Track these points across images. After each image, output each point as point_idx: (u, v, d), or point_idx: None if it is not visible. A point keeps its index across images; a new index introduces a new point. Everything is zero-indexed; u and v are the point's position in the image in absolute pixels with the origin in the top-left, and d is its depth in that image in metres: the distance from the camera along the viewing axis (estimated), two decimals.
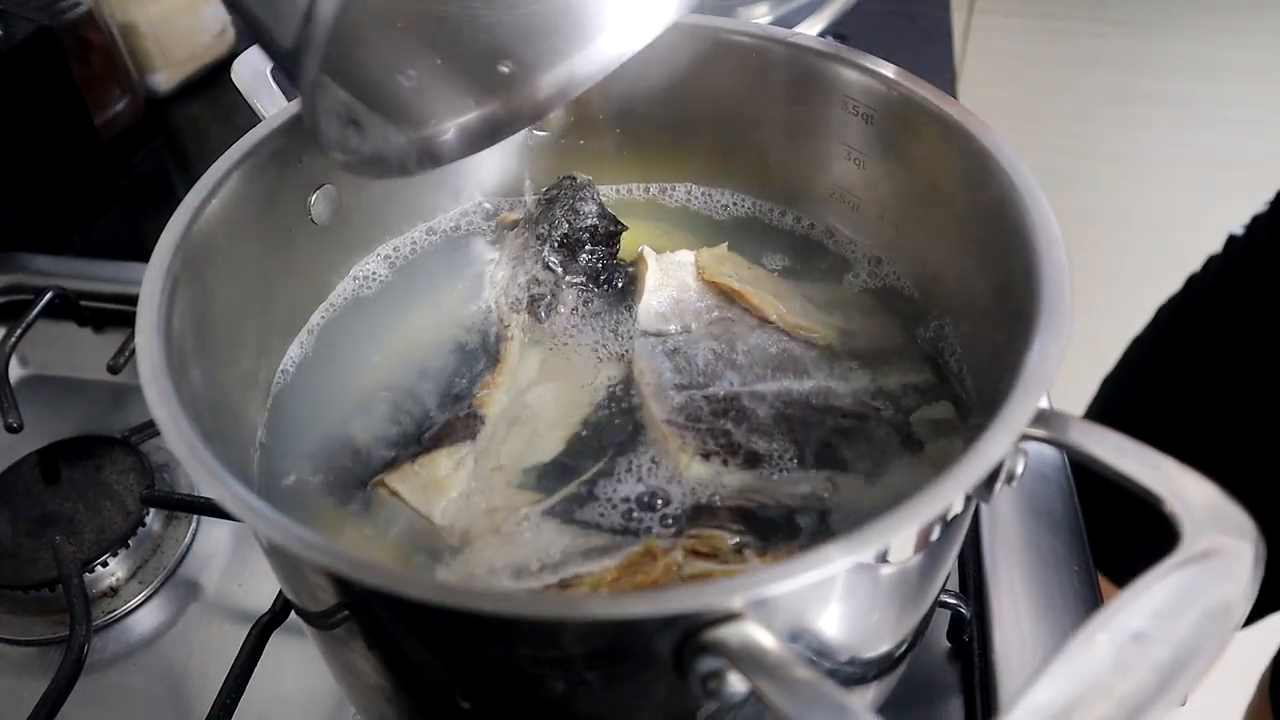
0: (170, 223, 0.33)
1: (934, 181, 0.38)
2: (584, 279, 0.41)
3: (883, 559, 0.26)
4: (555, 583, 0.32)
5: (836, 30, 0.94)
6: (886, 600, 0.29)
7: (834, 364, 0.38)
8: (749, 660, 0.22)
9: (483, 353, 0.40)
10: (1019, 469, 0.29)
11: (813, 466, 0.35)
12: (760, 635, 0.23)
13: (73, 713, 0.46)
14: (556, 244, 0.42)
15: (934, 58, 0.93)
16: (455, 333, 0.42)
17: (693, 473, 0.35)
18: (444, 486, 0.36)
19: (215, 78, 0.93)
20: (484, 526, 0.35)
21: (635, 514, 0.35)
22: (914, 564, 0.30)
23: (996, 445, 0.25)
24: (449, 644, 0.27)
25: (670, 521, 0.35)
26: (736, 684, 0.23)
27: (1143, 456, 0.25)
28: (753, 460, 0.35)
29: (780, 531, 0.34)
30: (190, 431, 0.28)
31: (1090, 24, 1.33)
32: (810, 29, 0.79)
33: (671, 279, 0.40)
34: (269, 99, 0.40)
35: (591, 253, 0.42)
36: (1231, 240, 0.77)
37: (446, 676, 0.29)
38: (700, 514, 0.35)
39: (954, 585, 0.49)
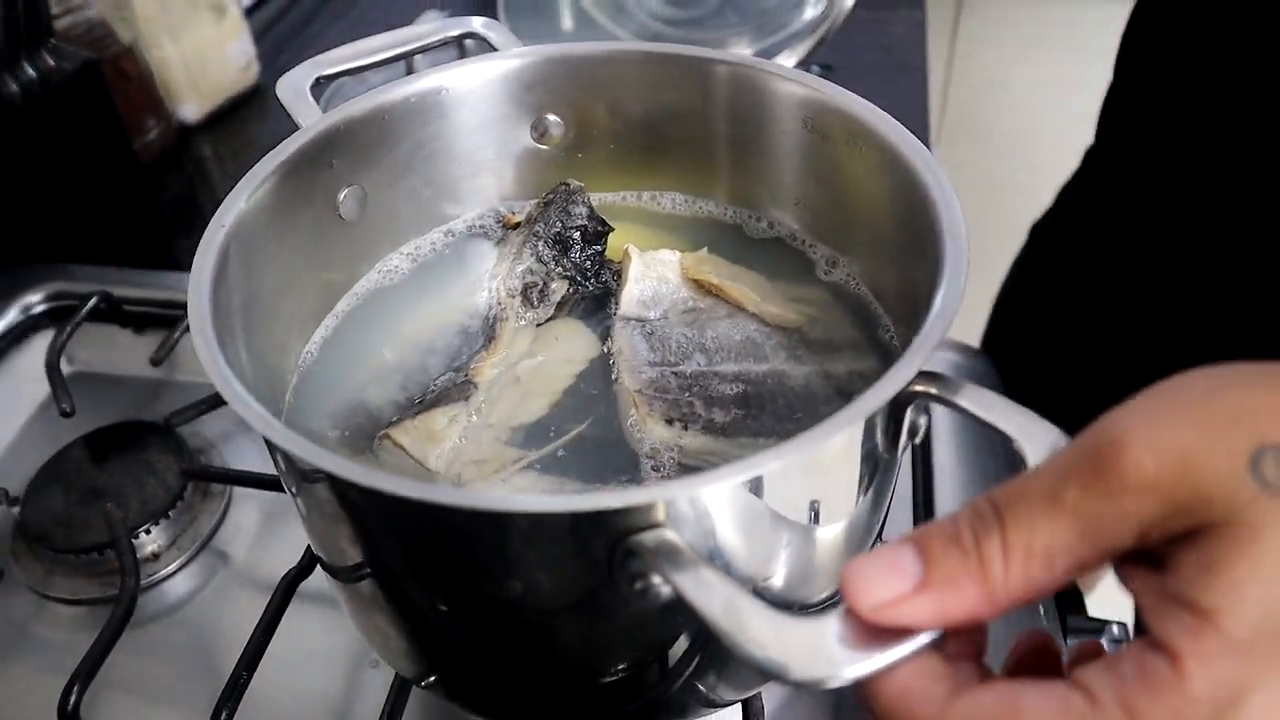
0: (220, 209, 0.39)
1: (874, 194, 0.44)
2: (573, 271, 0.48)
3: (792, 483, 0.32)
4: None
5: (822, 62, 1.02)
6: (805, 534, 0.34)
7: (790, 350, 0.44)
8: (664, 559, 0.28)
9: (482, 334, 0.46)
10: (921, 425, 0.35)
11: (762, 435, 0.41)
12: (674, 538, 0.28)
13: (119, 661, 0.52)
14: (550, 241, 0.48)
15: (909, 86, 1.00)
16: (461, 318, 0.48)
17: (656, 435, 0.41)
18: (439, 439, 0.41)
19: (241, 108, 1.00)
20: (472, 474, 0.41)
21: (605, 469, 0.41)
22: (835, 503, 0.35)
23: (888, 389, 0.31)
24: (422, 541, 0.33)
25: (633, 474, 0.40)
26: (660, 585, 0.29)
27: (1002, 407, 0.30)
28: (710, 428, 0.41)
29: None
30: (223, 363, 0.33)
31: (1069, 52, 1.40)
32: (789, 61, 0.86)
33: (652, 272, 0.46)
34: (307, 110, 0.47)
35: (581, 249, 0.48)
36: (1080, 165, 0.84)
37: (422, 575, 0.35)
38: (659, 469, 0.41)
39: None
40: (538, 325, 0.46)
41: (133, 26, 0.89)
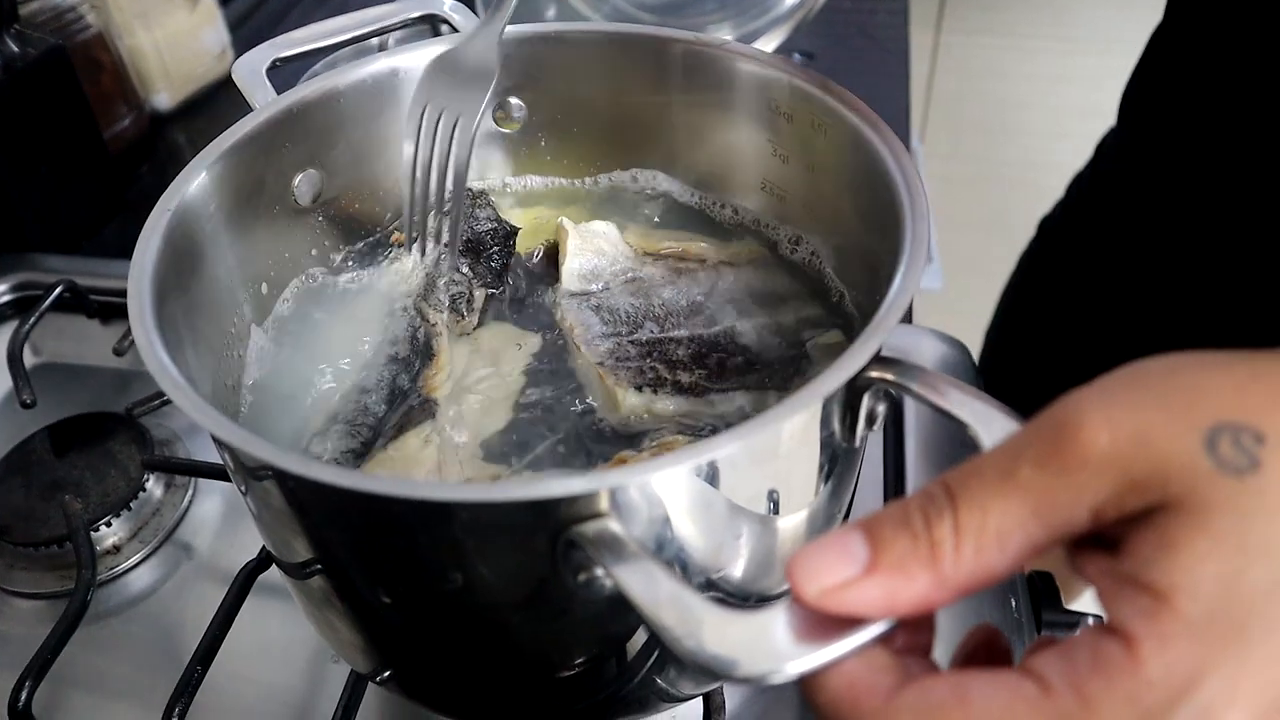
0: (165, 193, 0.38)
1: (840, 177, 0.43)
2: (488, 276, 0.46)
3: (739, 472, 0.31)
4: None
5: (803, 49, 1.01)
6: (760, 523, 0.34)
7: (738, 308, 0.44)
8: (606, 551, 0.27)
9: (415, 355, 0.45)
10: (879, 413, 0.34)
11: (730, 390, 0.40)
12: (616, 529, 0.27)
13: (77, 655, 0.51)
14: (462, 250, 0.47)
15: (891, 72, 0.99)
16: (385, 347, 0.46)
17: (630, 402, 0.40)
18: (420, 461, 0.40)
19: (215, 97, 0.99)
20: None
21: (595, 448, 0.40)
22: (793, 492, 0.34)
23: (843, 372, 0.30)
24: (366, 531, 0.32)
25: (622, 445, 0.39)
26: (604, 577, 0.28)
27: (957, 396, 0.30)
28: (679, 388, 0.40)
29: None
30: (162, 351, 0.32)
31: (1057, 42, 1.39)
32: (768, 46, 0.85)
33: (589, 245, 0.45)
34: (264, 93, 0.46)
35: (493, 252, 0.47)
36: (1095, 154, 0.83)
37: (368, 568, 0.34)
38: (657, 432, 0.40)
39: None
40: (464, 335, 0.45)
41: (104, 13, 0.88)
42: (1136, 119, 0.73)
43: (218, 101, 0.99)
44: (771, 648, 0.25)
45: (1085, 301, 0.81)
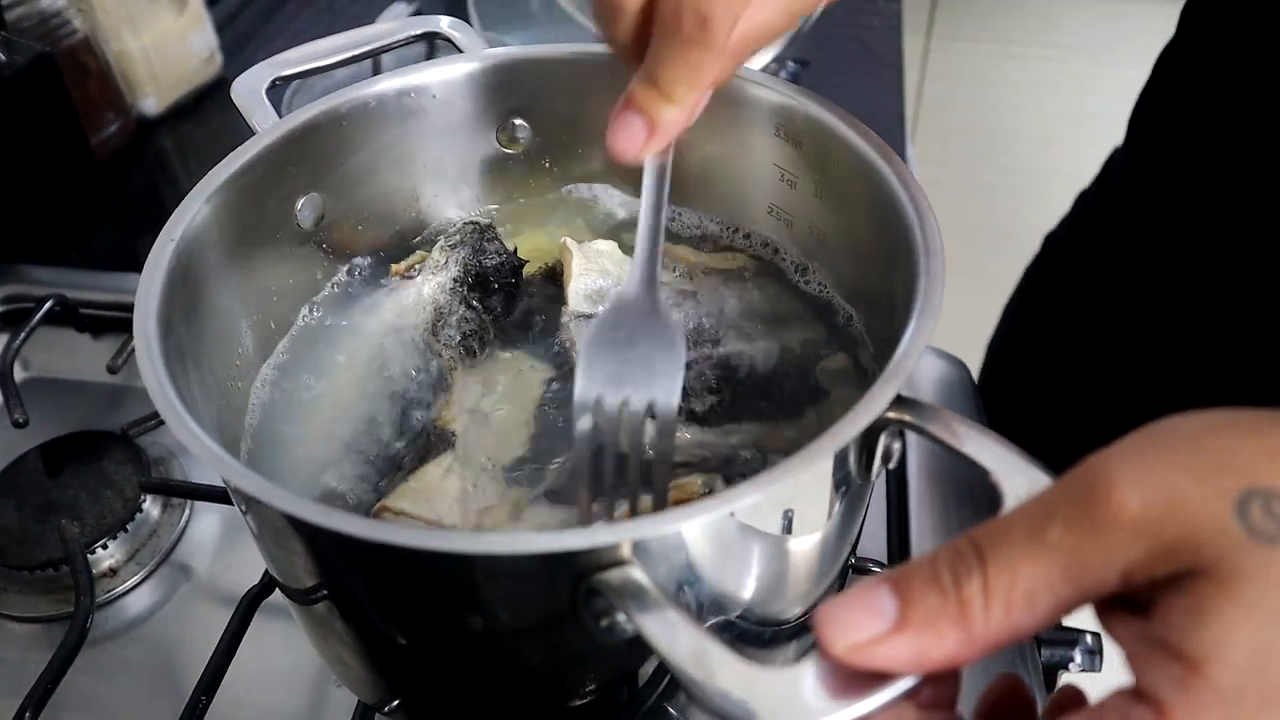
0: (168, 224, 0.38)
1: (847, 201, 0.43)
2: (499, 309, 0.46)
3: (756, 519, 0.31)
4: None
5: (797, 57, 1.00)
6: (776, 559, 0.34)
7: (745, 330, 0.43)
8: (630, 600, 0.27)
9: (427, 386, 0.44)
10: (895, 451, 0.34)
11: (742, 419, 0.40)
12: (640, 577, 0.27)
13: (75, 681, 0.50)
14: (472, 284, 0.46)
15: (886, 80, 0.99)
16: (395, 378, 0.45)
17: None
18: (443, 490, 0.40)
19: (203, 101, 0.98)
20: (488, 522, 0.39)
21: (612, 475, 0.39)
22: (807, 529, 0.34)
23: (859, 421, 0.30)
24: (384, 580, 0.32)
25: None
26: (625, 623, 0.28)
27: (978, 439, 0.30)
28: (692, 418, 0.40)
29: (738, 475, 0.39)
30: (174, 397, 0.32)
31: (1044, 49, 1.39)
32: (764, 55, 0.84)
33: (594, 265, 0.45)
34: (263, 115, 0.45)
35: (503, 285, 0.47)
36: (1103, 170, 0.83)
37: (382, 607, 0.33)
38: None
39: (882, 556, 0.54)
40: (475, 365, 0.45)
41: (90, 18, 0.86)
42: (1146, 137, 0.73)
43: (206, 105, 0.98)
44: (798, 703, 0.25)
45: (1091, 320, 0.80)
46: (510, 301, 0.46)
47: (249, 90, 0.47)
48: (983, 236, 1.21)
